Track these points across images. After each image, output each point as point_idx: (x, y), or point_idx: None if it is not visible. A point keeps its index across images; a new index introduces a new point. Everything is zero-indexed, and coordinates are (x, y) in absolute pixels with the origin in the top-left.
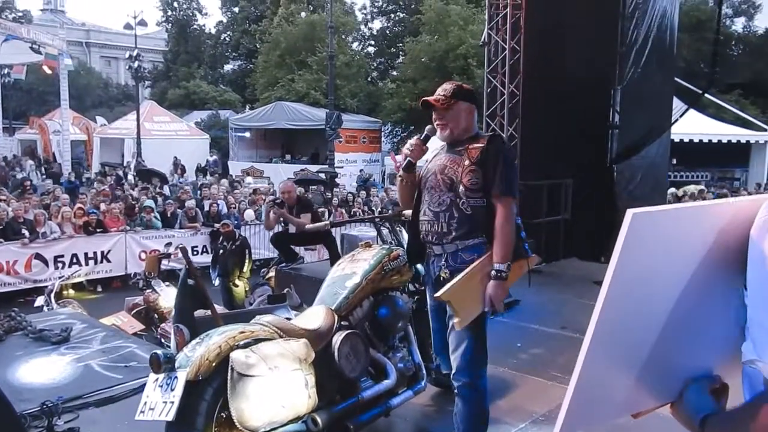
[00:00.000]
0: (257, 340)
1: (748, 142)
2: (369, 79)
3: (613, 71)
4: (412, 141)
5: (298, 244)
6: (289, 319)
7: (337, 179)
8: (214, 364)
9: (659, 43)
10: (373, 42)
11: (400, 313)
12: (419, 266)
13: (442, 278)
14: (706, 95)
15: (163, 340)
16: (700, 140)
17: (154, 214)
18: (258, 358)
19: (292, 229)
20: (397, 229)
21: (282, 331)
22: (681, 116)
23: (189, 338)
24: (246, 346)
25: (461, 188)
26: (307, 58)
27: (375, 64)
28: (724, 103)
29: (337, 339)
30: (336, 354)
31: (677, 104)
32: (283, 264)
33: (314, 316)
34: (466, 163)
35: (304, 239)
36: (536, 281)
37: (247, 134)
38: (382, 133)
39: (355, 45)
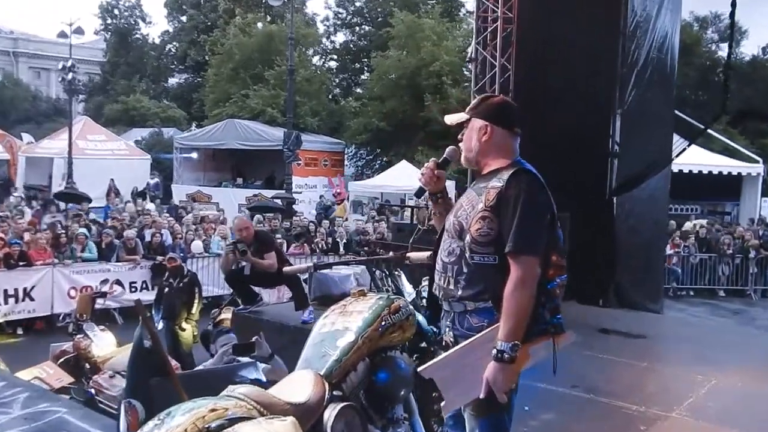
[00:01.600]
0: (233, 420)
1: (739, 174)
2: (331, 96)
3: (612, 94)
4: (428, 163)
5: (257, 285)
6: (264, 384)
7: (295, 206)
8: None
9: (660, 66)
10: (335, 56)
11: (403, 379)
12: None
13: (445, 342)
14: (691, 121)
15: (96, 396)
16: (689, 171)
17: (88, 244)
18: None
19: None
20: (396, 273)
21: (263, 407)
22: (682, 152)
23: (144, 416)
24: (220, 428)
25: (468, 238)
26: (263, 72)
27: (338, 80)
28: (712, 131)
29: (330, 414)
30: None
31: (676, 138)
32: (241, 306)
33: (300, 385)
34: (480, 206)
35: (265, 279)
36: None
37: (194, 155)
38: (346, 156)
39: (316, 59)
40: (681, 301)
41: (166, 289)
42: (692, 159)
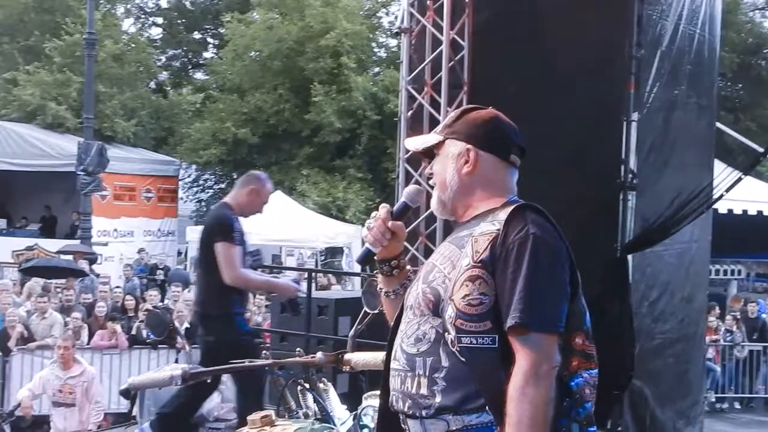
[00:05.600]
0: None
1: None
2: (155, 84)
3: (624, 89)
4: (378, 212)
5: None
6: None
7: (97, 265)
8: None
9: (695, 47)
10: (162, 21)
11: None
12: None
13: None
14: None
15: None
16: (729, 210)
17: None
18: None
19: None
20: (322, 387)
21: None
22: (732, 187)
23: None
24: None
25: (451, 312)
26: (42, 44)
27: (165, 59)
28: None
29: None
30: None
31: (718, 166)
32: None
33: None
34: (465, 262)
35: None
36: None
37: None
38: (181, 184)
39: (130, 25)
40: (723, 418)
41: None
42: (738, 192)
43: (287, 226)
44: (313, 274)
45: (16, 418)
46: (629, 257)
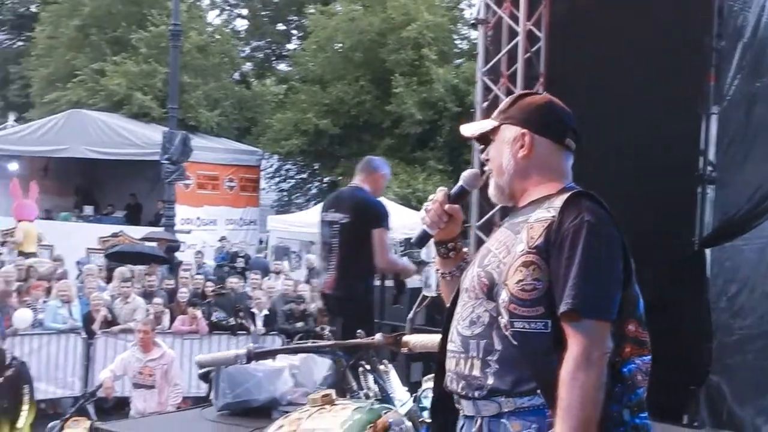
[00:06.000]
0: None
1: None
2: (239, 75)
3: (703, 81)
4: (435, 195)
5: None
6: None
7: (179, 252)
8: None
9: None
10: (246, 13)
11: None
12: None
13: None
14: None
15: None
16: None
17: None
18: None
19: None
20: (383, 369)
21: None
22: None
23: None
24: None
25: (505, 296)
26: (129, 35)
27: (249, 50)
28: None
29: None
30: None
31: None
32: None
33: None
34: (520, 248)
35: None
36: None
37: (12, 167)
38: (263, 174)
39: (215, 17)
40: None
41: None
42: None
43: None
44: None
45: (98, 398)
46: (707, 251)
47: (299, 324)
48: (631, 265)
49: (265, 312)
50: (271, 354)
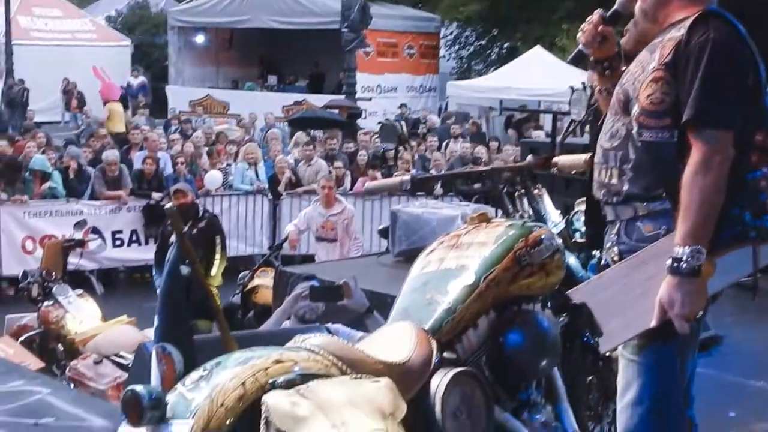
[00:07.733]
0: (305, 377)
1: None
2: None
3: None
4: (591, 17)
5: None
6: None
7: (362, 120)
8: (232, 415)
9: None
10: None
11: (544, 344)
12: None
13: (606, 264)
14: None
15: (76, 389)
16: None
17: (52, 174)
18: (312, 406)
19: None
20: (536, 192)
21: (345, 364)
22: None
23: (182, 368)
24: (289, 384)
25: (637, 109)
26: None
27: None
28: None
29: (440, 382)
30: (438, 408)
31: None
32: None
33: (397, 340)
34: (653, 65)
35: None
36: (752, 305)
37: (200, 39)
38: (443, 41)
39: None
40: None
41: (172, 240)
42: None
43: (546, 80)
44: None
45: (285, 254)
46: None
47: (476, 185)
48: (761, 79)
49: (443, 171)
50: (434, 180)
